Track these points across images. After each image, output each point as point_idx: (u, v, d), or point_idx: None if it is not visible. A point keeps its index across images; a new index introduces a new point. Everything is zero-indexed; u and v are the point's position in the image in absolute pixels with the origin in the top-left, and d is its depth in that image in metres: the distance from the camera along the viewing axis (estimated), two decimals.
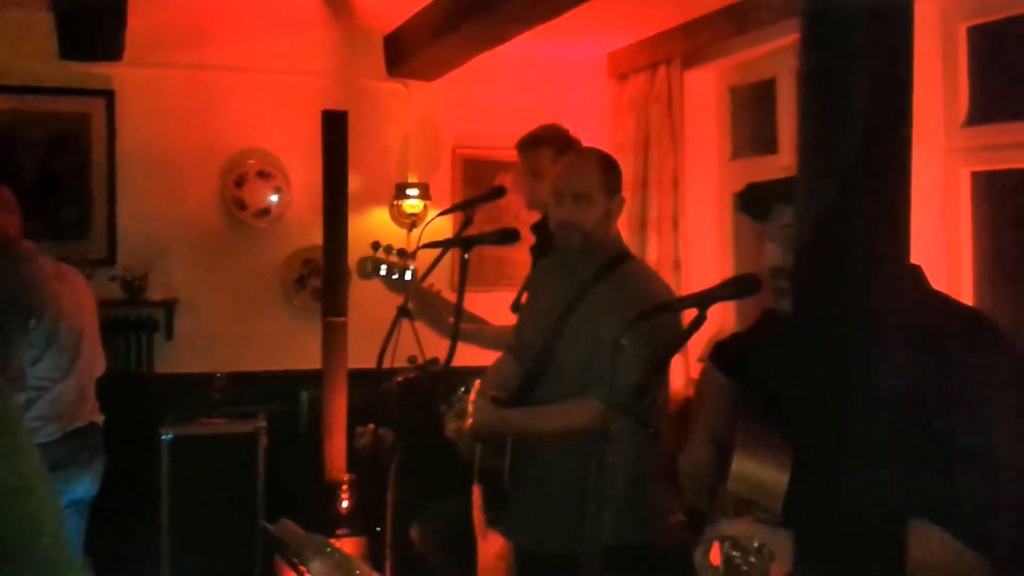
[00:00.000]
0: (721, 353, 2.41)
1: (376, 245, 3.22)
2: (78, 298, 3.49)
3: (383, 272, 3.19)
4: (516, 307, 3.22)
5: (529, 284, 3.15)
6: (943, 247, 3.43)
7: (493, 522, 2.96)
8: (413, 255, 3.15)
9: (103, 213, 4.78)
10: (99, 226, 4.78)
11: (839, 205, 1.23)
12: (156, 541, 4.19)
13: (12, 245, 3.39)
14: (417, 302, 3.12)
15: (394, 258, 3.17)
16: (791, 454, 1.71)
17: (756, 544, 1.42)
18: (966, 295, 3.37)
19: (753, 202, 1.99)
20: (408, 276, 3.15)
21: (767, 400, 1.96)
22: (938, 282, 1.90)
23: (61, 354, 3.38)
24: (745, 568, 1.42)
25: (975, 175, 3.46)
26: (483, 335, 3.29)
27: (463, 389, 2.65)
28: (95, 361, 3.59)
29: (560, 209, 2.79)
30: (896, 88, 1.23)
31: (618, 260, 2.82)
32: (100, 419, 3.59)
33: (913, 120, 1.26)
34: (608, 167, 2.83)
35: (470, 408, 2.62)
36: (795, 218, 1.46)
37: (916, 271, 1.77)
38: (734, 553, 1.44)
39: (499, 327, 3.27)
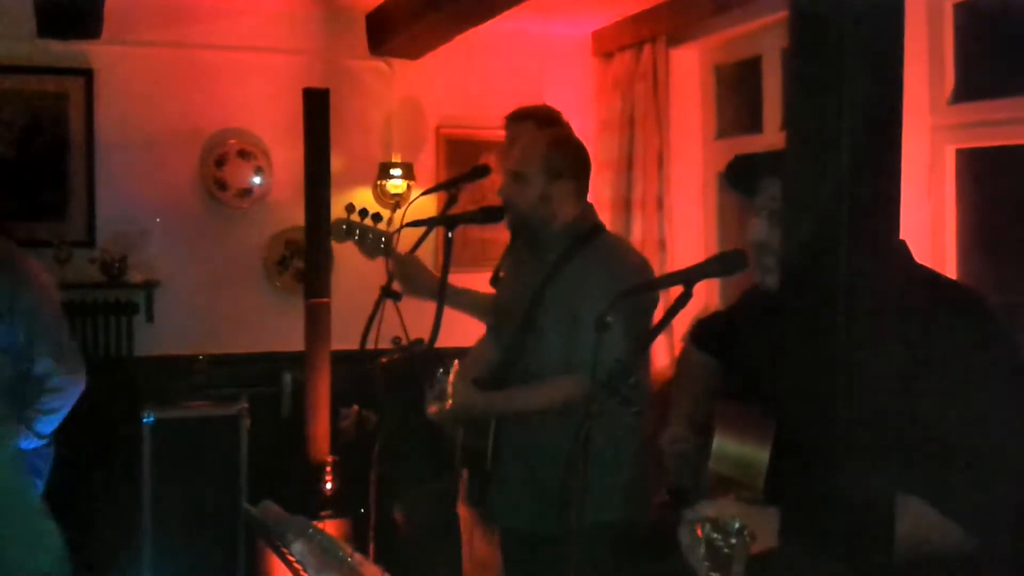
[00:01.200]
0: (701, 332, 2.39)
1: (351, 207, 3.16)
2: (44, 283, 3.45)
3: (357, 235, 3.14)
4: (495, 281, 3.19)
5: (503, 263, 3.11)
6: (928, 224, 3.43)
7: (477, 503, 2.95)
8: (390, 221, 3.10)
9: (82, 194, 4.73)
10: (78, 207, 4.73)
11: (828, 185, 1.21)
12: (138, 524, 4.16)
13: None
14: (398, 267, 3.07)
15: (369, 221, 3.12)
16: (772, 432, 1.70)
17: (737, 525, 1.40)
18: (950, 271, 3.37)
19: (740, 176, 1.97)
20: (383, 241, 3.10)
21: (749, 378, 1.94)
22: (922, 258, 1.89)
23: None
24: (726, 550, 1.41)
25: (959, 152, 3.45)
26: (470, 297, 3.22)
27: (441, 371, 2.61)
28: None
29: (503, 184, 2.78)
30: (886, 67, 1.22)
31: (591, 234, 2.80)
32: None
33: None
34: (555, 148, 2.75)
35: (449, 390, 2.59)
36: (783, 196, 1.44)
37: (902, 246, 1.76)
38: (715, 535, 1.42)
39: (486, 293, 3.22)
